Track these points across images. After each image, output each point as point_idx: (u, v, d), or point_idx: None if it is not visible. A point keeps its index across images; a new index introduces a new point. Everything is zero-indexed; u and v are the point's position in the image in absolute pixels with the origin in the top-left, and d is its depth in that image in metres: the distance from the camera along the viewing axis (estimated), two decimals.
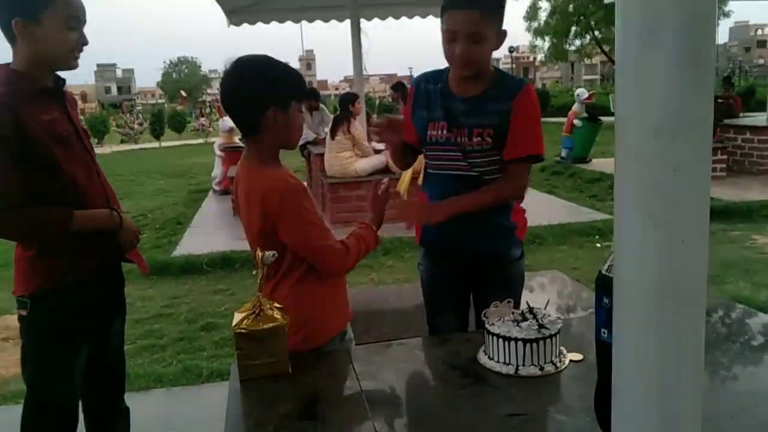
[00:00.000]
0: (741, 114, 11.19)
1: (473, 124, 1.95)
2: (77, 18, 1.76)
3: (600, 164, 10.34)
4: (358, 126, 6.77)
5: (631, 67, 0.83)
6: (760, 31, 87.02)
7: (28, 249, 1.81)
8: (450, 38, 1.86)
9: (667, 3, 0.78)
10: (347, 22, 6.95)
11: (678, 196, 0.83)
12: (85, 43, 1.79)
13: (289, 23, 7.25)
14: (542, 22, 27.94)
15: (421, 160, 2.20)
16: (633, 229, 0.87)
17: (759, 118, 10.06)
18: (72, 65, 1.80)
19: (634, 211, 0.86)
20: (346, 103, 6.77)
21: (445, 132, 1.98)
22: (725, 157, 8.82)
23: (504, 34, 1.92)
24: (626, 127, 0.85)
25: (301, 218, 1.63)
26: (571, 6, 26.28)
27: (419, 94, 2.07)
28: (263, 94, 1.64)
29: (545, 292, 2.21)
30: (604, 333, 1.16)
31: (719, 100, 10.65)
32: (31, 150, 1.68)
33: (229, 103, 1.69)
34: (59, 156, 1.74)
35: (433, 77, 2.07)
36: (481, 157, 1.97)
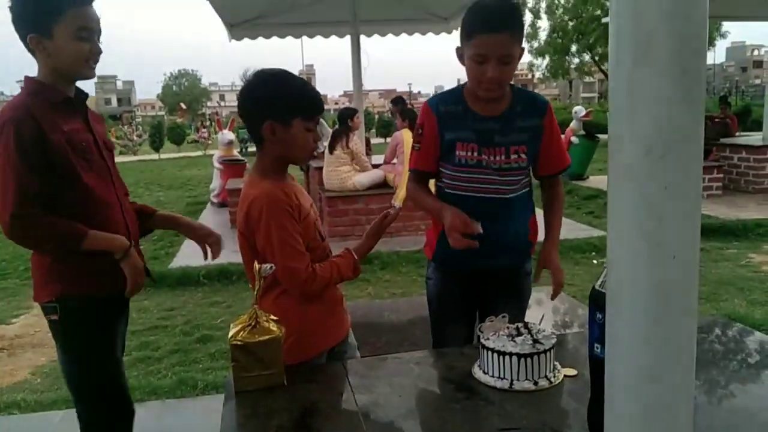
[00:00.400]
0: (737, 133, 11.26)
1: (510, 142, 1.96)
2: (88, 29, 1.78)
3: (597, 181, 10.38)
4: (357, 140, 6.80)
5: (623, 86, 0.85)
6: (756, 52, 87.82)
7: (45, 255, 1.84)
8: (480, 61, 1.84)
9: (658, 23, 0.80)
10: (348, 38, 7.02)
11: (669, 212, 0.84)
12: (99, 52, 1.83)
13: (289, 38, 7.30)
14: (542, 41, 28.17)
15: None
16: (625, 245, 0.89)
17: (755, 138, 10.13)
18: (88, 75, 1.84)
19: (626, 228, 0.88)
20: (345, 118, 6.81)
21: (475, 154, 1.96)
22: (721, 175, 8.87)
23: (523, 51, 1.94)
24: (619, 145, 0.87)
25: (275, 234, 1.65)
26: (570, 25, 26.54)
27: (443, 116, 2.00)
28: (261, 106, 1.68)
29: (540, 308, 2.21)
30: (597, 348, 1.17)
31: (716, 120, 10.72)
32: (50, 159, 1.72)
33: (239, 112, 1.76)
34: (77, 166, 1.78)
35: (450, 99, 2.04)
36: (516, 175, 1.99)
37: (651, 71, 0.81)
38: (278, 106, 1.67)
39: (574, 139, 10.88)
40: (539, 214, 2.13)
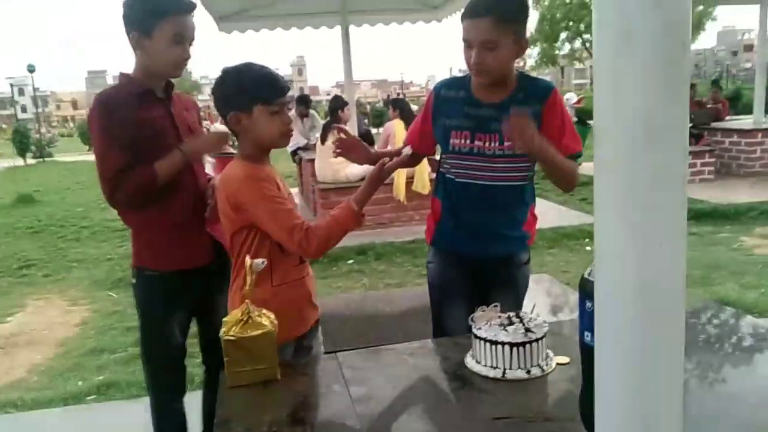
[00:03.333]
0: (728, 117, 11.29)
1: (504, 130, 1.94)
2: (184, 36, 1.97)
3: (590, 168, 10.09)
4: (349, 131, 6.78)
5: (607, 75, 0.85)
6: (747, 35, 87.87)
7: (134, 227, 2.11)
8: (466, 46, 1.89)
9: (640, 11, 0.80)
10: (338, 29, 6.98)
11: (655, 201, 0.85)
12: (188, 58, 2.01)
13: (279, 30, 7.25)
14: (533, 31, 28.12)
15: (424, 164, 2.25)
16: (612, 234, 0.89)
17: (746, 121, 10.15)
18: (175, 75, 2.06)
19: (613, 217, 0.88)
20: (335, 109, 6.80)
21: (468, 141, 1.98)
22: (713, 160, 8.89)
23: (525, 41, 1.94)
24: (603, 134, 0.87)
25: (261, 204, 1.72)
26: (559, 13, 26.50)
27: (440, 101, 2.06)
28: (224, 100, 1.78)
29: (533, 296, 2.23)
30: (587, 336, 1.17)
31: (708, 105, 10.73)
32: (128, 139, 1.94)
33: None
34: (153, 151, 1.97)
35: (455, 84, 2.07)
36: (512, 163, 1.98)
37: (634, 60, 0.81)
38: (238, 96, 1.75)
39: None
40: (540, 204, 2.14)
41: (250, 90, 1.75)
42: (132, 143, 1.94)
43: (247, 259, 1.54)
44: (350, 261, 5.60)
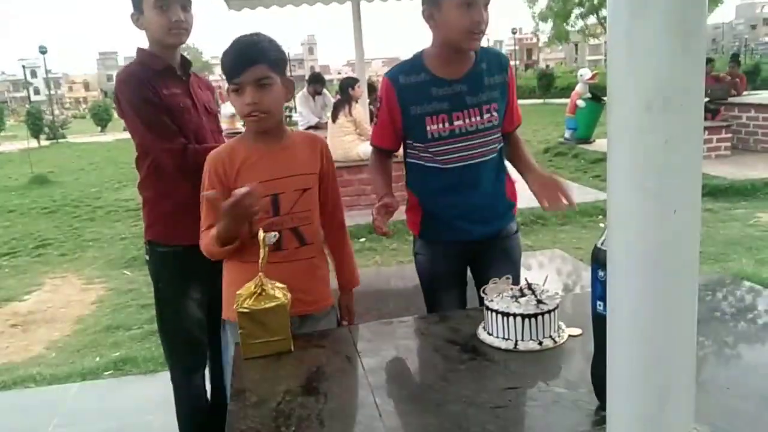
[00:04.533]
0: (746, 92, 11.10)
1: (482, 101, 1.92)
2: (165, 1, 1.97)
3: (603, 144, 10.23)
4: (360, 109, 6.76)
5: (621, 39, 0.83)
6: (766, 8, 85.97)
7: (149, 201, 2.14)
8: (470, 4, 1.78)
9: None
10: (348, 5, 6.91)
11: (669, 167, 0.84)
12: (178, 20, 2.00)
13: (289, 7, 7.19)
14: (544, 7, 27.69)
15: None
16: (625, 201, 0.88)
17: (764, 96, 9.99)
18: (172, 42, 2.04)
19: (626, 183, 0.87)
20: (346, 87, 6.77)
21: (447, 125, 1.91)
22: (730, 135, 8.77)
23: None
24: (618, 100, 0.86)
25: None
26: None
27: (404, 90, 1.92)
28: None
29: (545, 270, 2.22)
30: (599, 305, 1.17)
31: (727, 79, 10.55)
32: (159, 113, 1.99)
33: None
34: (173, 125, 2.01)
35: (411, 69, 1.94)
36: (491, 135, 1.96)
37: (649, 23, 0.80)
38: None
39: (579, 102, 10.75)
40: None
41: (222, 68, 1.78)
42: (161, 114, 1.99)
43: (261, 232, 1.55)
44: (362, 239, 5.62)
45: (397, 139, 2.02)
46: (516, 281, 1.93)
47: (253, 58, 1.67)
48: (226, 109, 9.97)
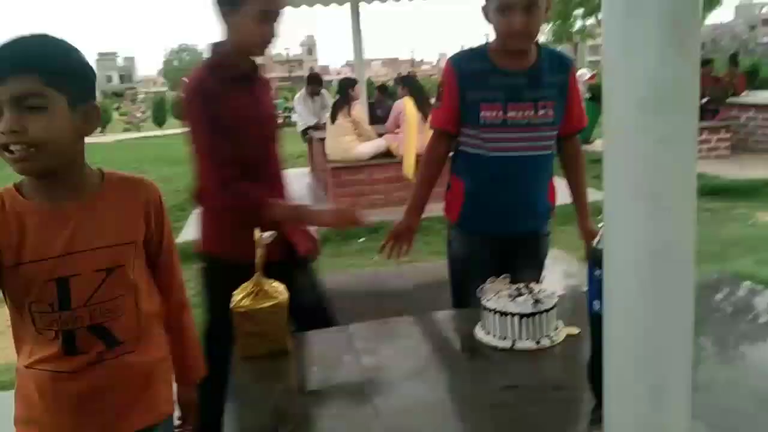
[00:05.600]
0: (745, 92, 11.09)
1: (537, 97, 1.94)
2: (272, 12, 1.85)
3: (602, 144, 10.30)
4: (359, 108, 6.76)
5: (616, 39, 0.84)
6: (765, 9, 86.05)
7: (209, 214, 1.99)
8: (504, 10, 1.83)
9: None
10: (347, 6, 6.92)
11: (664, 166, 0.84)
12: (275, 36, 1.90)
13: (288, 8, 7.21)
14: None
15: (424, 142, 2.19)
16: (620, 200, 0.88)
17: (763, 96, 9.99)
18: (260, 55, 1.95)
19: (621, 182, 0.87)
20: (345, 87, 6.77)
21: (500, 113, 1.93)
22: (729, 135, 8.77)
23: (551, 3, 1.92)
24: (612, 99, 0.86)
25: None
26: None
27: (465, 75, 1.97)
28: None
29: (545, 270, 2.23)
30: (596, 304, 1.17)
31: (726, 80, 10.55)
32: (227, 131, 1.85)
33: None
34: (246, 138, 1.89)
35: (474, 56, 2.00)
36: (544, 131, 1.98)
37: (644, 22, 0.80)
38: None
39: None
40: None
41: None
42: (229, 132, 1.86)
43: (257, 232, 1.55)
44: (362, 239, 5.61)
45: (457, 121, 2.03)
46: (537, 282, 1.97)
47: (15, 65, 1.13)
48: None
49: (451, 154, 2.14)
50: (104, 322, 1.26)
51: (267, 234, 1.54)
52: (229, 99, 1.85)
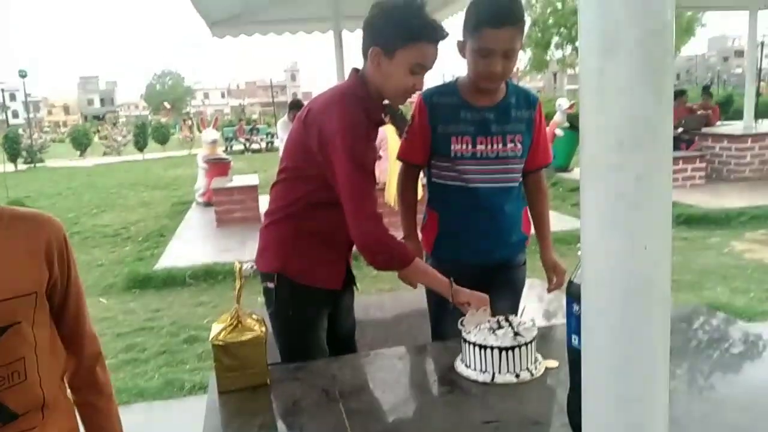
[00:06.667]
0: (719, 123, 11.37)
1: (506, 131, 2.00)
2: (424, 66, 1.80)
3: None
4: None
5: (592, 79, 0.86)
6: (737, 41, 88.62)
7: (276, 235, 1.90)
8: (485, 54, 1.87)
9: (626, 16, 0.81)
10: (330, 34, 6.99)
11: (640, 204, 0.85)
12: (420, 89, 1.87)
13: (272, 35, 7.26)
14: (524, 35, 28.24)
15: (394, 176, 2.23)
16: (597, 237, 0.89)
17: (736, 127, 10.23)
18: (400, 103, 1.92)
19: (598, 219, 0.88)
20: None
21: (470, 146, 1.99)
22: (704, 165, 8.95)
23: (522, 44, 1.98)
24: (589, 138, 0.87)
25: None
26: (551, 19, 26.66)
27: (436, 108, 2.02)
28: None
29: (523, 300, 2.23)
30: (574, 340, 1.18)
31: (699, 112, 10.81)
32: (368, 168, 1.82)
33: None
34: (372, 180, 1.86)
35: (445, 91, 2.05)
36: (512, 164, 2.03)
37: (619, 65, 0.82)
38: None
39: (558, 131, 10.92)
40: None
41: None
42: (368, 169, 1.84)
43: (236, 263, 1.54)
44: None
45: (424, 154, 2.08)
46: (515, 312, 2.03)
47: None
48: (208, 135, 9.96)
49: (426, 185, 2.18)
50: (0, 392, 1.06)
51: (247, 265, 1.53)
52: (370, 139, 1.87)
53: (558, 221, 6.99)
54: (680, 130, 9.66)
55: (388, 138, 6.59)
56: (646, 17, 0.81)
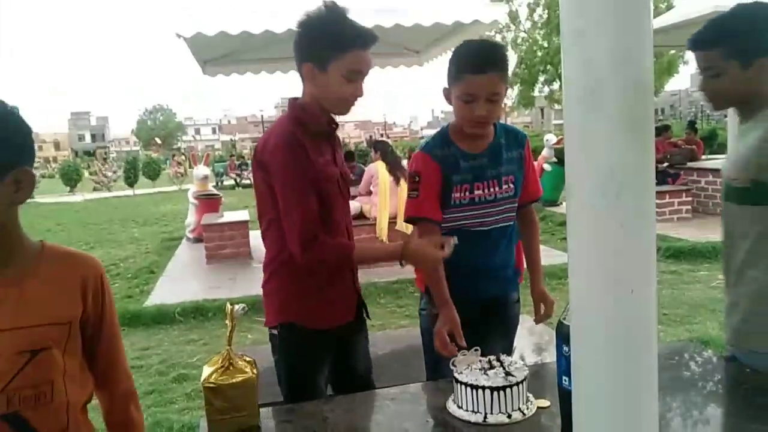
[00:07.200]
0: (703, 157, 11.55)
1: (501, 173, 2.04)
2: (360, 72, 1.84)
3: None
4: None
5: (576, 130, 0.89)
6: None
7: (277, 286, 1.92)
8: (469, 100, 1.89)
9: (607, 71, 0.85)
10: None
11: (625, 249, 0.88)
12: (360, 95, 1.89)
13: (263, 73, 7.36)
14: (511, 73, 28.76)
15: (396, 205, 2.25)
16: (585, 282, 0.92)
17: (721, 161, 10.37)
18: (343, 113, 1.93)
19: (586, 264, 0.91)
20: None
21: (468, 193, 2.02)
22: (690, 199, 9.07)
23: (507, 88, 2.02)
24: (575, 186, 0.91)
25: None
26: (537, 57, 27.23)
27: (443, 161, 2.01)
28: None
29: (516, 337, 2.24)
30: (565, 381, 1.19)
31: (683, 147, 10.99)
32: (313, 185, 1.81)
33: None
34: (327, 195, 1.86)
35: (440, 143, 2.05)
36: (508, 204, 2.07)
37: (602, 117, 0.85)
38: None
39: (546, 166, 11.05)
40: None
41: None
42: (313, 186, 1.82)
43: (228, 305, 1.54)
44: None
45: (440, 209, 2.05)
46: (509, 350, 2.07)
47: None
48: (199, 171, 9.99)
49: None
50: (23, 411, 1.13)
51: (238, 306, 1.54)
52: (313, 152, 1.82)
53: (547, 255, 6.99)
54: (665, 164, 9.81)
55: (379, 173, 6.65)
56: (626, 68, 0.85)
